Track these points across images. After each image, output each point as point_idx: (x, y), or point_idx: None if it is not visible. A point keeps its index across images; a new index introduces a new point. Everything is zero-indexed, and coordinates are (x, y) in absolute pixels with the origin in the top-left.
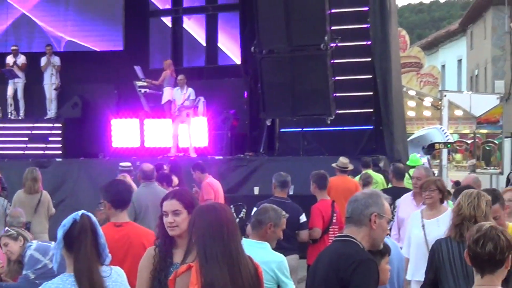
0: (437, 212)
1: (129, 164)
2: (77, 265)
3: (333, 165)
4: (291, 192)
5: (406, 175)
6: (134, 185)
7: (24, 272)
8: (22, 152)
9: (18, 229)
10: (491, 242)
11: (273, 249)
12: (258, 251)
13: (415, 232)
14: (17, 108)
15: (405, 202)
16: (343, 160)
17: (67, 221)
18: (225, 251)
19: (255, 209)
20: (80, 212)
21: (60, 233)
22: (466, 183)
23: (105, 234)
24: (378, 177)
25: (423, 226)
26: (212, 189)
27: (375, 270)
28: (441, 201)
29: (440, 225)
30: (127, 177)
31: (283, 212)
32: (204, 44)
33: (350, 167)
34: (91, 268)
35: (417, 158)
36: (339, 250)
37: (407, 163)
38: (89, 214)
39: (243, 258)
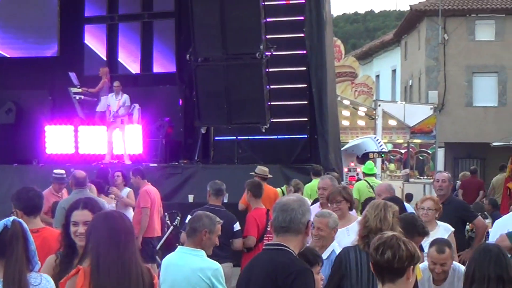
0: (347, 221)
1: (63, 171)
2: (7, 271)
3: (252, 173)
4: (225, 200)
5: (365, 182)
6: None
7: None
8: None
9: None
10: (390, 250)
11: (208, 256)
12: (194, 258)
13: None
14: None
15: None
16: (263, 168)
17: None
18: (117, 260)
19: (189, 216)
20: (11, 218)
21: None
22: (380, 192)
23: None
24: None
25: None
26: (150, 197)
27: (313, 279)
28: (350, 209)
29: (350, 234)
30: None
31: (217, 219)
32: (139, 51)
33: (269, 176)
34: (22, 274)
35: (372, 166)
36: (275, 260)
37: (363, 170)
38: (20, 220)
39: (136, 267)
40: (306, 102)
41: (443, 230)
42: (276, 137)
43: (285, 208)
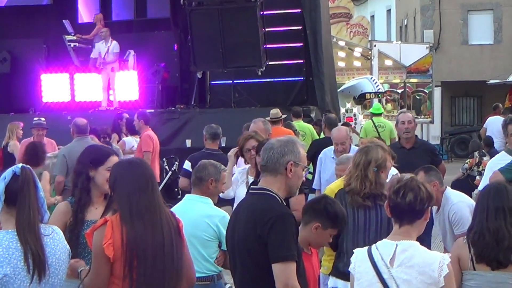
0: None
1: (41, 118)
2: (20, 219)
3: (267, 118)
4: (223, 144)
5: (371, 122)
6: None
7: None
8: None
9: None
10: (411, 192)
11: (214, 204)
12: (202, 205)
13: None
14: None
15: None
16: (273, 111)
17: (7, 174)
18: (149, 205)
19: (187, 161)
20: (19, 165)
21: (0, 186)
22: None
23: None
24: (306, 128)
25: None
26: (152, 141)
27: (292, 224)
28: None
29: None
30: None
31: (222, 166)
32: None
33: (282, 116)
34: (35, 222)
35: (379, 106)
36: (255, 205)
37: (371, 110)
38: (29, 167)
39: (164, 212)
40: (301, 44)
41: None
42: (272, 80)
43: (266, 147)
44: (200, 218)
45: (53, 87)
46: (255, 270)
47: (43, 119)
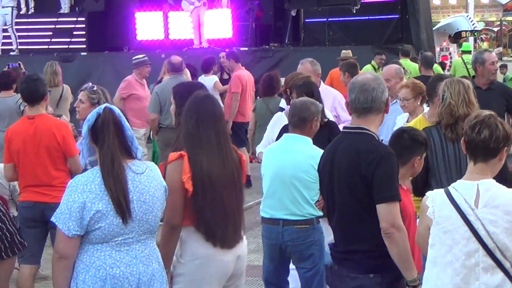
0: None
1: (142, 55)
2: (102, 158)
3: (338, 58)
4: None
5: (460, 59)
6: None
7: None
8: (46, 47)
9: (102, 93)
10: (487, 129)
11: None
12: (304, 146)
13: None
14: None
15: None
16: (344, 51)
17: (91, 116)
18: (215, 139)
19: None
20: (103, 106)
21: (85, 128)
22: (388, 76)
23: (20, 126)
24: (412, 67)
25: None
26: (241, 82)
27: (396, 164)
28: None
29: None
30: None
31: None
32: None
33: (353, 57)
34: (115, 161)
35: (469, 44)
36: (358, 145)
37: (462, 48)
38: (112, 107)
39: (229, 147)
40: None
41: None
42: (367, 18)
43: (365, 88)
44: (303, 159)
45: (147, 25)
46: (358, 211)
47: (142, 55)
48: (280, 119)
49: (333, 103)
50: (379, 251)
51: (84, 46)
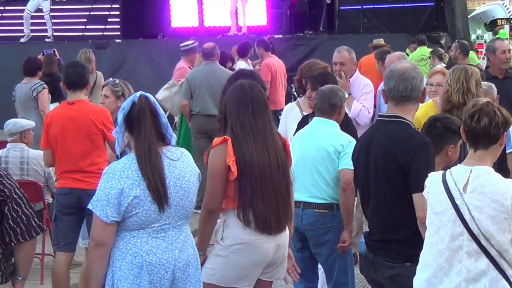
0: None
1: (188, 42)
2: (137, 146)
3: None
4: None
5: None
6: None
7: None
8: (81, 33)
9: (125, 85)
10: (486, 117)
11: None
12: (331, 130)
13: None
14: None
15: None
16: (377, 40)
17: (126, 104)
18: (258, 126)
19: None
20: (138, 94)
21: (120, 116)
22: (390, 63)
23: (59, 112)
24: (426, 52)
25: None
26: (270, 70)
27: (433, 153)
28: None
29: None
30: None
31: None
32: None
33: (386, 45)
34: (151, 148)
35: (505, 32)
36: (395, 134)
37: (497, 36)
38: (147, 94)
39: (271, 133)
40: None
41: None
42: (402, 5)
43: (405, 77)
44: (327, 143)
45: (182, 12)
46: (394, 199)
47: (189, 42)
48: (292, 110)
49: (361, 90)
50: (415, 239)
51: (119, 33)
